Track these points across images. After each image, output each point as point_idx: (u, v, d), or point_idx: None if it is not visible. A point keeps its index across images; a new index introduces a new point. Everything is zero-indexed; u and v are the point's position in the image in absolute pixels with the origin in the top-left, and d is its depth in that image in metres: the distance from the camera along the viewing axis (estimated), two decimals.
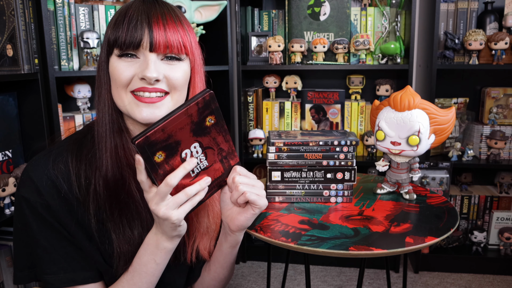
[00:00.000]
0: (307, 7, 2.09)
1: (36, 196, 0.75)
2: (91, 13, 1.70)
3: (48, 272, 0.77)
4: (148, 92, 0.74)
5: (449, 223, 0.99)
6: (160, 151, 0.65)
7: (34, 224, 0.76)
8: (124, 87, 0.74)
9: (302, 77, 2.21)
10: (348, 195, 1.13)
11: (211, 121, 0.69)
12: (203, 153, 0.71)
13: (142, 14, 0.73)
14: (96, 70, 0.79)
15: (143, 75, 0.72)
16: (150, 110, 0.75)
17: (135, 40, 0.72)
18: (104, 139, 0.76)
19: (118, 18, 0.74)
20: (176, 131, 0.66)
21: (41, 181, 0.75)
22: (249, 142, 2.17)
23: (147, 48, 0.73)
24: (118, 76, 0.74)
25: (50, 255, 0.77)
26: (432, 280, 2.07)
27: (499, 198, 2.12)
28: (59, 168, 0.77)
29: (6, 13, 1.36)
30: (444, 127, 1.07)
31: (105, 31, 0.77)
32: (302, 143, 1.09)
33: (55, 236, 0.76)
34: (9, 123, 1.47)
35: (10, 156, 1.47)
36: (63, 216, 0.76)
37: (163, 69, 0.74)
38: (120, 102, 0.76)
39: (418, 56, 2.22)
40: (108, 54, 0.75)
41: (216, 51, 2.03)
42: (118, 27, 0.73)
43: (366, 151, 2.14)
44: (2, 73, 1.37)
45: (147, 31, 0.72)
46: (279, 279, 2.08)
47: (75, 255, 0.78)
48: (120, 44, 0.72)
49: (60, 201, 0.76)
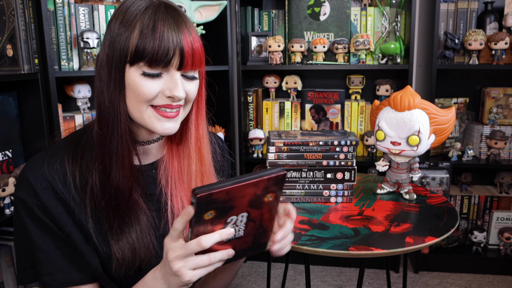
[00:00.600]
0: (307, 7, 2.09)
1: (32, 197, 0.75)
2: (91, 13, 1.70)
3: (45, 273, 0.77)
4: (171, 108, 0.75)
5: (449, 223, 0.99)
6: (213, 210, 0.64)
7: (30, 225, 0.76)
8: (147, 102, 0.74)
9: (302, 77, 2.21)
10: (348, 195, 1.13)
11: (270, 198, 0.68)
12: (246, 224, 0.69)
13: (173, 30, 0.71)
14: (96, 69, 0.75)
15: (172, 94, 0.72)
16: (170, 124, 0.76)
17: (167, 59, 0.71)
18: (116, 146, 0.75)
19: (144, 28, 0.70)
20: (238, 197, 0.64)
21: (37, 182, 0.75)
22: (249, 142, 2.17)
23: (176, 66, 0.72)
24: (143, 92, 0.72)
25: (47, 256, 0.77)
26: (432, 280, 2.07)
27: (499, 198, 2.12)
28: (55, 168, 0.76)
29: (6, 13, 1.36)
30: (444, 127, 1.07)
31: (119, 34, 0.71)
32: (302, 143, 1.09)
33: (51, 237, 0.77)
34: (9, 123, 1.47)
35: (10, 156, 1.47)
36: (59, 217, 0.76)
37: (185, 86, 0.75)
38: (139, 114, 0.75)
39: (418, 56, 2.22)
40: (127, 61, 0.72)
41: (216, 51, 2.03)
42: (147, 40, 0.70)
43: (366, 151, 2.14)
44: (2, 73, 1.37)
45: (178, 50, 0.71)
46: (279, 279, 2.08)
47: (71, 256, 0.78)
48: (150, 60, 0.70)
49: (56, 202, 0.76)
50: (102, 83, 0.74)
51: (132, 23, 0.71)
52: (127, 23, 0.72)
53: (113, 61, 0.72)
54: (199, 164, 0.85)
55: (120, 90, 0.73)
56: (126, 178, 0.76)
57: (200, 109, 0.84)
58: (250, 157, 2.15)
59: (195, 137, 0.84)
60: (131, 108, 0.75)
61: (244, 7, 2.13)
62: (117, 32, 0.72)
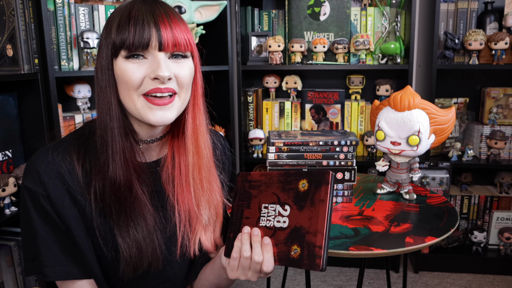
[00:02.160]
0: (307, 7, 2.09)
1: (38, 186, 0.75)
2: (91, 13, 1.70)
3: (47, 264, 0.78)
4: (161, 92, 0.74)
5: (449, 223, 0.99)
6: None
7: (34, 215, 0.77)
8: (136, 89, 0.74)
9: (302, 77, 2.21)
10: (348, 195, 1.13)
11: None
12: (281, 216, 0.73)
13: (147, 14, 0.73)
14: (95, 73, 0.77)
15: (155, 74, 0.72)
16: (162, 112, 0.75)
17: (144, 41, 0.72)
18: (111, 143, 0.76)
19: (121, 20, 0.73)
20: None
21: (45, 171, 0.76)
22: (249, 142, 2.17)
23: (156, 47, 0.73)
24: (129, 78, 0.73)
25: (48, 247, 0.77)
26: (432, 280, 2.07)
27: (499, 198, 2.12)
28: (64, 158, 0.77)
29: (6, 13, 1.36)
30: (444, 127, 1.07)
31: (105, 34, 0.75)
32: (302, 143, 1.09)
33: (53, 228, 0.77)
34: (9, 123, 1.47)
35: (10, 156, 1.47)
36: (63, 209, 0.76)
37: (172, 68, 0.75)
38: (132, 105, 0.75)
39: (418, 56, 2.22)
40: (112, 56, 0.74)
41: (216, 51, 2.03)
42: (124, 29, 0.72)
43: (366, 151, 2.14)
44: (2, 73, 1.37)
45: (155, 30, 0.72)
46: (279, 279, 2.08)
47: (71, 249, 0.79)
48: (129, 46, 0.72)
49: (63, 192, 0.76)
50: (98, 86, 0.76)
51: (113, 21, 0.74)
52: (109, 23, 0.75)
53: (103, 61, 0.75)
54: (196, 157, 0.84)
55: (111, 85, 0.75)
56: (124, 172, 0.76)
57: (196, 99, 0.83)
58: (250, 157, 2.15)
59: (192, 127, 0.83)
60: (125, 101, 0.76)
61: (244, 7, 2.13)
62: (103, 36, 0.75)
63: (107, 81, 0.75)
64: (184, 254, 0.86)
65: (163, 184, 0.85)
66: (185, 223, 0.85)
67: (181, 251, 0.85)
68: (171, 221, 0.85)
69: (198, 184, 0.85)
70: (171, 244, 0.85)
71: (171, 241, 0.85)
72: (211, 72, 2.15)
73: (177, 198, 0.85)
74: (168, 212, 0.85)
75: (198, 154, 0.84)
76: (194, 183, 0.84)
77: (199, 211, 0.85)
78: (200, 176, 0.85)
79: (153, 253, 0.80)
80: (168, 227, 0.85)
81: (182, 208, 0.85)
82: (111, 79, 0.75)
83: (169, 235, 0.85)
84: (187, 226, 0.85)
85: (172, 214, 0.85)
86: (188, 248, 0.86)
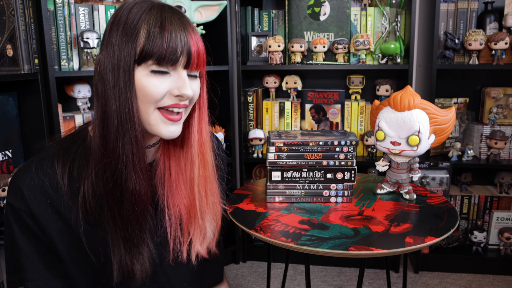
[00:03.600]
0: (307, 7, 2.09)
1: (20, 202, 0.74)
2: (91, 13, 1.70)
3: (29, 279, 0.77)
4: (178, 108, 0.75)
5: (449, 223, 0.99)
6: None
7: (16, 230, 0.76)
8: (154, 103, 0.73)
9: (302, 77, 2.21)
10: (348, 195, 1.13)
11: None
12: None
13: (180, 29, 0.72)
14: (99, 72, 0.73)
15: (181, 93, 0.73)
16: (174, 127, 0.76)
17: (177, 56, 0.71)
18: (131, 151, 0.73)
19: (152, 29, 0.70)
20: None
21: (27, 186, 0.74)
22: (249, 142, 2.16)
23: (183, 64, 0.73)
24: (151, 92, 0.72)
25: (31, 262, 0.77)
26: (432, 280, 2.07)
27: (499, 198, 2.12)
28: (46, 172, 0.75)
29: (6, 13, 1.36)
30: (444, 127, 1.07)
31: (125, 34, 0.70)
32: (302, 143, 1.09)
33: (36, 243, 0.76)
34: (9, 123, 1.47)
35: (10, 156, 1.47)
36: (46, 224, 0.75)
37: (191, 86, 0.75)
38: (146, 117, 0.74)
39: (418, 56, 2.22)
40: (135, 62, 0.71)
41: (216, 51, 2.03)
42: (156, 39, 0.70)
43: (366, 151, 2.14)
44: (2, 73, 1.37)
45: (186, 48, 0.72)
46: (279, 279, 2.08)
47: (54, 263, 0.78)
48: (159, 58, 0.70)
49: (45, 207, 0.75)
50: (107, 86, 0.72)
51: (137, 26, 0.71)
52: (130, 28, 0.71)
53: (120, 65, 0.71)
54: (202, 169, 0.84)
55: (131, 91, 0.72)
56: (145, 181, 0.75)
57: (202, 113, 0.83)
58: (250, 157, 2.15)
59: (198, 141, 0.83)
60: (141, 111, 0.74)
61: (244, 7, 2.13)
62: (120, 40, 0.71)
63: (125, 86, 0.71)
64: (177, 259, 0.85)
65: (155, 186, 0.85)
66: (176, 227, 0.84)
67: (174, 255, 0.84)
68: (162, 224, 0.84)
69: (204, 198, 0.85)
70: (162, 248, 0.84)
71: (162, 246, 0.84)
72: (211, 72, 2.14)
73: (167, 201, 0.84)
74: (158, 214, 0.84)
75: (204, 167, 0.84)
76: (199, 197, 0.84)
77: (204, 224, 0.85)
78: (205, 189, 0.85)
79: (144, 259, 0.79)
80: (159, 231, 0.84)
81: (172, 212, 0.84)
82: (131, 85, 0.71)
83: (159, 240, 0.84)
84: (178, 230, 0.84)
85: (162, 218, 0.84)
86: (181, 254, 0.85)
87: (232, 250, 2.24)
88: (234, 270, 2.20)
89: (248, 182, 1.44)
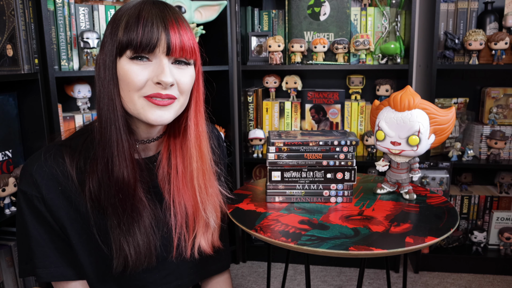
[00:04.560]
0: (307, 7, 2.09)
1: (33, 189, 0.76)
2: (91, 13, 1.70)
3: (40, 265, 0.78)
4: (161, 98, 0.74)
5: (449, 223, 0.99)
6: None
7: (28, 217, 0.77)
8: (137, 91, 0.74)
9: (302, 77, 2.21)
10: (348, 195, 1.13)
11: None
12: None
13: (157, 17, 0.72)
14: (96, 71, 0.77)
15: (159, 79, 0.72)
16: (161, 112, 0.76)
17: (152, 43, 0.71)
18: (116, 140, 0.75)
19: (130, 20, 0.72)
20: None
21: (40, 174, 0.76)
22: (249, 142, 2.16)
23: (164, 51, 0.73)
24: (131, 80, 0.73)
25: (42, 249, 0.78)
26: (432, 280, 2.07)
27: (499, 198, 2.12)
28: (57, 161, 0.77)
29: (6, 13, 1.36)
30: (444, 127, 1.07)
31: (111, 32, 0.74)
32: (302, 143, 1.09)
33: (47, 230, 0.78)
34: (9, 123, 1.47)
35: (10, 156, 1.47)
36: (58, 210, 0.77)
37: (174, 74, 0.75)
38: (132, 105, 0.75)
39: (418, 56, 2.22)
40: (117, 55, 0.74)
41: (216, 51, 2.03)
42: (132, 29, 0.71)
43: (366, 151, 2.14)
44: (2, 73, 1.37)
45: (164, 34, 0.72)
46: (279, 279, 2.08)
47: (65, 251, 0.79)
48: (136, 46, 0.72)
49: (57, 194, 0.77)
50: (100, 82, 0.76)
51: (120, 20, 0.74)
52: (115, 21, 0.74)
53: (107, 59, 0.74)
54: (200, 162, 0.85)
55: (114, 83, 0.75)
56: (130, 170, 0.76)
57: (198, 106, 0.83)
58: (250, 157, 2.15)
59: (195, 134, 0.84)
60: (125, 101, 0.76)
61: (244, 7, 2.13)
62: (108, 36, 0.75)
63: (110, 79, 0.75)
64: (181, 255, 0.86)
65: (159, 182, 0.85)
66: (182, 224, 0.85)
67: (177, 252, 0.86)
68: (167, 220, 0.85)
69: (203, 189, 0.86)
70: (167, 243, 0.85)
71: (168, 240, 0.85)
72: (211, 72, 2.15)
73: (173, 199, 0.85)
74: (163, 210, 0.85)
75: (202, 159, 0.85)
76: (199, 189, 0.85)
77: (206, 215, 0.86)
78: (204, 181, 0.86)
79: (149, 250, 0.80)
80: (163, 225, 0.85)
81: (178, 209, 0.85)
82: (114, 77, 0.75)
83: (165, 234, 0.85)
84: (184, 228, 0.86)
85: (168, 214, 0.85)
86: (185, 250, 0.86)
87: (232, 250, 2.24)
88: (234, 270, 2.20)
89: (248, 182, 1.44)
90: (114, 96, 0.75)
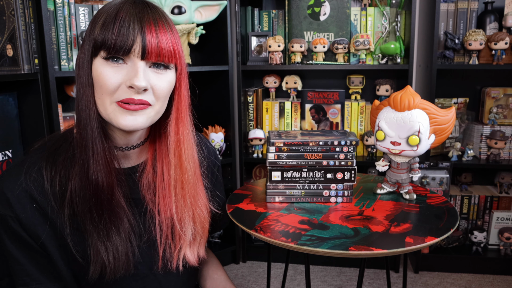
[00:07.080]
0: (307, 7, 2.09)
1: (6, 209, 0.73)
2: (91, 13, 1.70)
3: (21, 283, 0.76)
4: (134, 103, 0.71)
5: (449, 223, 0.99)
6: None
7: (5, 237, 0.75)
8: (109, 95, 0.70)
9: (302, 77, 2.21)
10: (348, 195, 1.13)
11: None
12: None
13: (135, 18, 0.69)
14: (76, 71, 0.74)
15: (131, 83, 0.69)
16: (133, 117, 0.72)
17: (127, 45, 0.68)
18: (91, 143, 0.73)
19: (107, 19, 0.69)
20: None
21: (12, 192, 0.73)
22: (249, 142, 2.16)
23: (138, 55, 0.69)
24: (104, 82, 0.70)
25: (22, 267, 0.76)
26: (432, 280, 2.07)
27: (499, 198, 2.12)
28: (32, 177, 0.74)
29: (6, 13, 1.36)
30: (444, 127, 1.07)
31: (89, 30, 0.71)
32: (302, 143, 1.09)
33: (26, 249, 0.75)
34: (9, 123, 1.47)
35: (10, 156, 1.47)
36: (34, 228, 0.74)
37: (150, 78, 0.72)
38: (103, 110, 0.72)
39: (418, 56, 2.22)
40: (92, 55, 0.71)
41: (216, 51, 2.03)
42: (107, 29, 0.68)
43: (366, 151, 2.14)
44: (2, 73, 1.37)
45: (140, 37, 0.69)
46: (279, 279, 2.08)
47: (46, 266, 0.77)
48: (109, 47, 0.68)
49: (32, 212, 0.74)
50: (78, 82, 0.73)
51: (99, 18, 0.71)
52: (95, 19, 0.72)
53: (84, 57, 0.72)
54: (179, 171, 0.81)
55: (89, 84, 0.72)
56: (105, 174, 0.74)
57: (180, 112, 0.79)
58: (250, 157, 2.15)
59: (175, 141, 0.80)
60: (98, 103, 0.73)
61: (244, 7, 2.13)
62: (87, 31, 0.72)
63: (86, 80, 0.72)
64: (166, 267, 0.84)
65: (142, 191, 0.82)
66: (167, 234, 0.82)
67: (163, 263, 0.83)
68: (151, 230, 0.82)
69: (181, 199, 0.82)
70: (151, 254, 0.83)
71: (151, 251, 0.83)
72: (211, 72, 2.14)
73: (158, 208, 0.82)
74: (147, 221, 0.82)
75: (181, 168, 0.81)
76: (176, 198, 0.81)
77: (181, 227, 0.82)
78: (183, 191, 0.82)
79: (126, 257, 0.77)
80: (146, 235, 0.82)
81: (164, 218, 0.82)
82: (90, 78, 0.72)
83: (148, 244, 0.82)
84: (169, 237, 0.83)
85: (152, 225, 0.82)
86: (171, 261, 0.83)
87: (232, 250, 2.24)
88: (234, 270, 2.20)
89: (248, 182, 1.44)
90: (89, 98, 0.72)
